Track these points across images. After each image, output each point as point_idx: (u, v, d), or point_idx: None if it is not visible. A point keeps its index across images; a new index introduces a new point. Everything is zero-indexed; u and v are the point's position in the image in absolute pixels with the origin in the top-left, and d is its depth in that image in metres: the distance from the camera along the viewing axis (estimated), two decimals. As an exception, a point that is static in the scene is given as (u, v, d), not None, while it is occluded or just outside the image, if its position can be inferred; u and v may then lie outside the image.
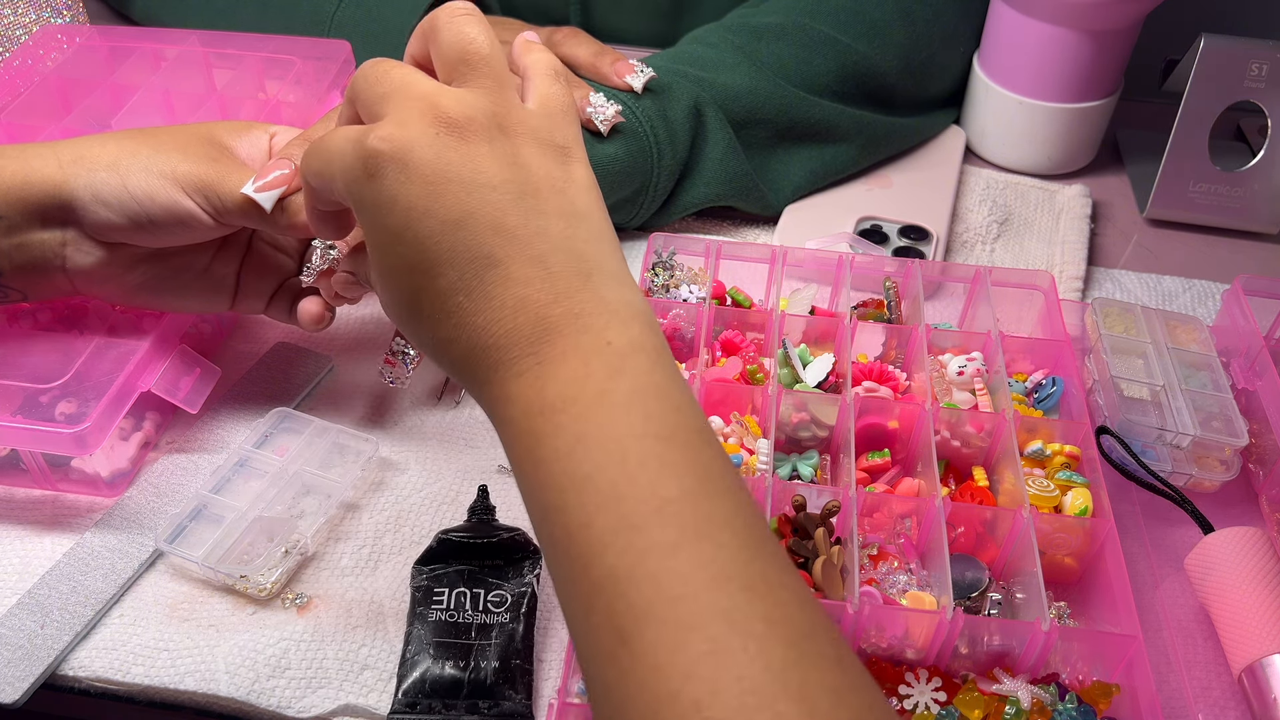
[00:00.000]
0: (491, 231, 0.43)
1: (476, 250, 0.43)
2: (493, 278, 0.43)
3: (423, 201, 0.43)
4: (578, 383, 0.41)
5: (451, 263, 0.43)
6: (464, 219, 0.43)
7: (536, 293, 0.42)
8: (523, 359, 0.42)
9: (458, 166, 0.43)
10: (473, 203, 0.43)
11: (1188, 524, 0.64)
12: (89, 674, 0.57)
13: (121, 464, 0.65)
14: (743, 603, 0.36)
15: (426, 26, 0.48)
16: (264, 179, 0.58)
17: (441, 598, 0.58)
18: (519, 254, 0.43)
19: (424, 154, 0.43)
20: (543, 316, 0.42)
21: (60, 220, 0.58)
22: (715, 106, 0.82)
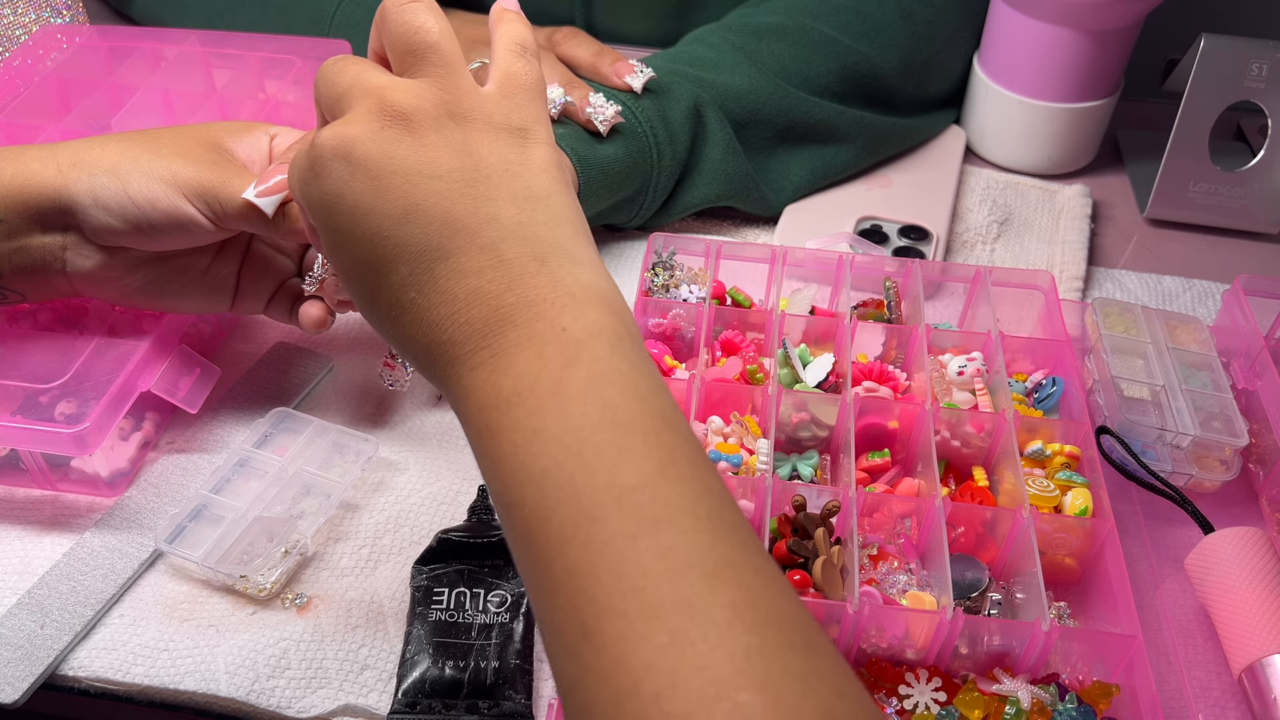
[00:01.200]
0: (439, 223, 0.42)
1: (425, 244, 0.42)
2: (443, 270, 0.42)
3: (368, 198, 0.42)
4: (532, 374, 0.39)
5: (402, 258, 0.42)
6: (410, 212, 0.42)
7: (488, 283, 0.41)
8: (477, 352, 0.41)
9: (402, 159, 0.42)
10: (418, 195, 0.42)
11: (1188, 524, 0.64)
12: (89, 674, 0.57)
13: (121, 464, 0.65)
14: (704, 590, 0.35)
15: (377, 17, 0.47)
16: (265, 184, 0.57)
17: (441, 597, 0.58)
18: (468, 244, 0.42)
19: (368, 149, 0.42)
20: (496, 307, 0.41)
21: (60, 224, 0.58)
22: (715, 107, 0.81)
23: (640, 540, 0.36)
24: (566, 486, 0.37)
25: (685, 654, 0.34)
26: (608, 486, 0.37)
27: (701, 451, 0.40)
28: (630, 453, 0.38)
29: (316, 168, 0.43)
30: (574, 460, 0.38)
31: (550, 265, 0.42)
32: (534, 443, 0.38)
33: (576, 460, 0.38)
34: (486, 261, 0.42)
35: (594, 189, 0.75)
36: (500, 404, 0.40)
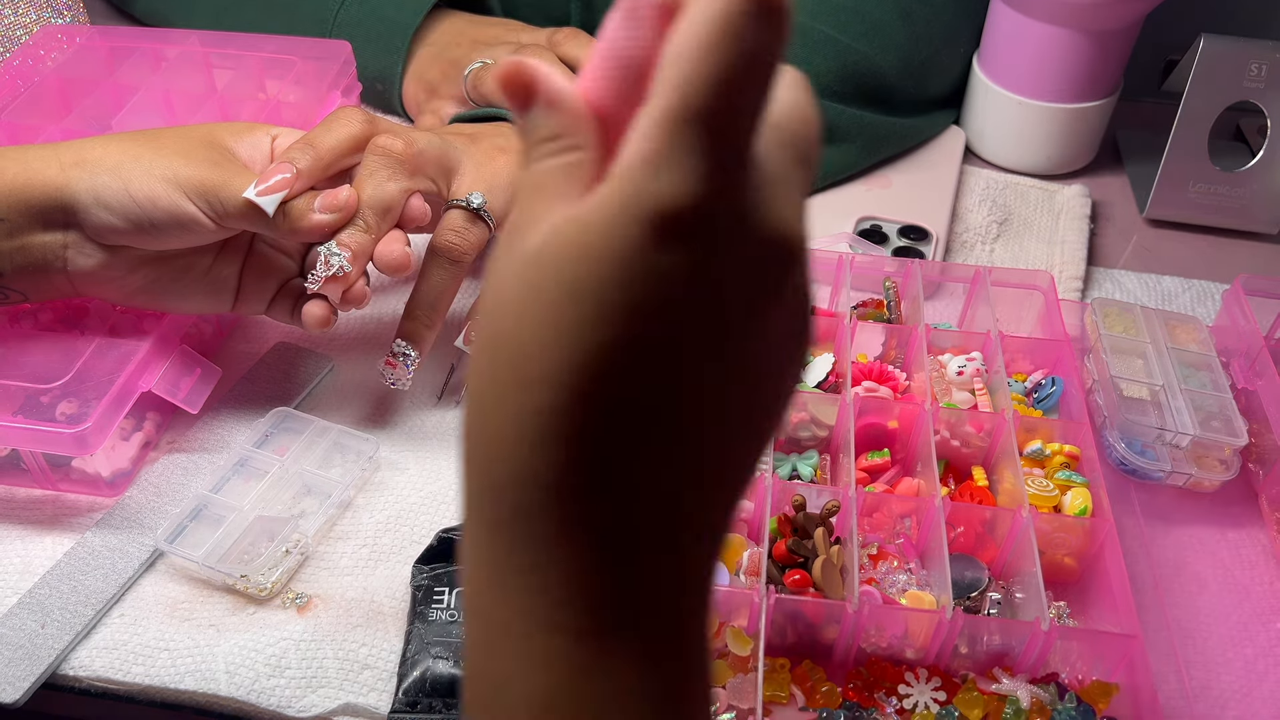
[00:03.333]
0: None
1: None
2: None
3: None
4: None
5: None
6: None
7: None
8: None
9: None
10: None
11: (1188, 524, 0.64)
12: (89, 674, 0.57)
13: (122, 464, 0.65)
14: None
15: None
16: (266, 183, 0.58)
17: (442, 597, 0.58)
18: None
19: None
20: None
21: (62, 223, 0.58)
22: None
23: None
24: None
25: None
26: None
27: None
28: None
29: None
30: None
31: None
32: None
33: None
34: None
35: None
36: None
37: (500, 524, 0.29)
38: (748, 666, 0.55)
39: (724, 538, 0.31)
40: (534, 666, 0.28)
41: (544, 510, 0.28)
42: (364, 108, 0.91)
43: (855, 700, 0.55)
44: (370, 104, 0.92)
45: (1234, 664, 0.60)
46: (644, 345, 0.27)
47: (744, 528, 0.62)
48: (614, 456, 0.27)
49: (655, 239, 0.26)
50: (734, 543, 0.60)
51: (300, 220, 0.58)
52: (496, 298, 0.29)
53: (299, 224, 0.58)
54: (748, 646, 0.55)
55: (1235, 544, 0.66)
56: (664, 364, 0.27)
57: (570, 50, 0.81)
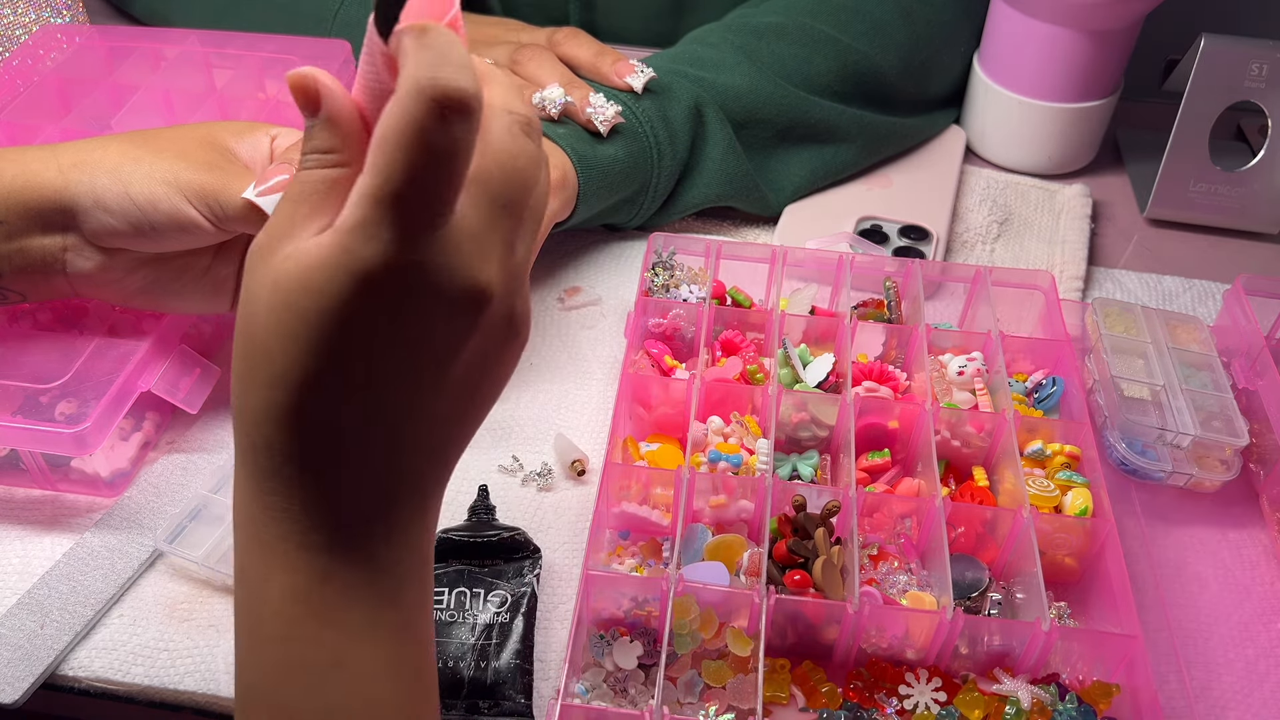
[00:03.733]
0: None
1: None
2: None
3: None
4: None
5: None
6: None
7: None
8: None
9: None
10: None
11: (1188, 524, 0.64)
12: (89, 674, 0.57)
13: (121, 464, 0.65)
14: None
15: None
16: (265, 184, 0.57)
17: (442, 597, 0.58)
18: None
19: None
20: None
21: (61, 225, 0.58)
22: (715, 106, 0.81)
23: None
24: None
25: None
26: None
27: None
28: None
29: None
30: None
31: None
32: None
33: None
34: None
35: (594, 189, 0.75)
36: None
37: (260, 473, 0.39)
38: (748, 667, 0.55)
39: (435, 484, 0.43)
40: (286, 570, 0.40)
41: (285, 466, 0.39)
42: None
43: (855, 701, 0.55)
44: (370, 104, 0.92)
45: (1235, 665, 0.60)
46: (346, 366, 0.37)
47: (744, 528, 0.62)
48: (326, 437, 0.38)
49: (357, 290, 0.36)
50: (734, 543, 0.60)
51: None
52: (250, 304, 0.38)
53: None
54: (748, 647, 0.55)
55: (1236, 544, 0.66)
56: (362, 379, 0.38)
57: (570, 49, 0.81)
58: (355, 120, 0.39)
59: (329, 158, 0.39)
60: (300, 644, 0.40)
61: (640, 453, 0.65)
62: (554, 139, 0.74)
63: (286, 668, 0.40)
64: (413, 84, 0.35)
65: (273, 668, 0.41)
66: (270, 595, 0.40)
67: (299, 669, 0.40)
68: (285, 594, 0.40)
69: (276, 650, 0.40)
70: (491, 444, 0.69)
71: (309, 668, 0.40)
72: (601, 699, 0.55)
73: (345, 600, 0.40)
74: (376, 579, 0.41)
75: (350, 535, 0.40)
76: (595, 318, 0.78)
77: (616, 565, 0.61)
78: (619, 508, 0.62)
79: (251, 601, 0.41)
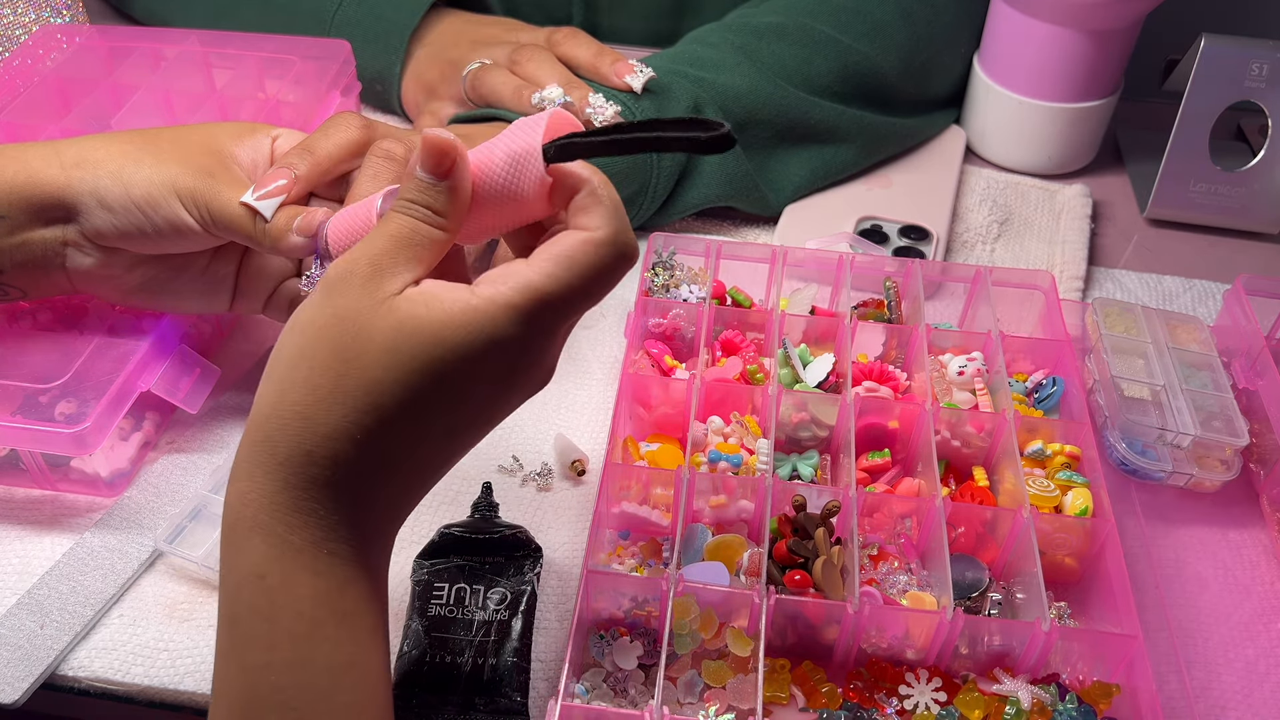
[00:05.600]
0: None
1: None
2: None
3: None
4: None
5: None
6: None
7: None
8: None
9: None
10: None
11: (1188, 524, 0.64)
12: (88, 674, 0.57)
13: (121, 464, 0.65)
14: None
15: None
16: (264, 188, 0.58)
17: (442, 592, 0.58)
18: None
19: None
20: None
21: (62, 219, 0.58)
22: (715, 107, 0.81)
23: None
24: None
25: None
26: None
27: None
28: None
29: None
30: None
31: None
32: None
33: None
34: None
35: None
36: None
37: (304, 481, 0.42)
38: (748, 667, 0.55)
39: (414, 503, 0.47)
40: (314, 574, 0.42)
41: (343, 480, 0.42)
42: (363, 109, 0.91)
43: (856, 701, 0.55)
44: (370, 104, 0.92)
45: (1235, 665, 0.60)
46: (439, 412, 0.43)
47: (744, 528, 0.62)
48: (390, 463, 0.43)
49: (481, 357, 0.42)
50: (734, 543, 0.60)
51: (280, 239, 0.58)
52: (356, 326, 0.42)
53: (279, 242, 0.58)
54: (748, 647, 0.55)
55: (1236, 544, 0.66)
56: (443, 426, 0.44)
57: (569, 50, 0.81)
58: (468, 198, 0.45)
59: (441, 220, 0.44)
60: (322, 643, 0.42)
61: (640, 453, 0.65)
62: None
63: (304, 667, 0.42)
64: (613, 235, 0.44)
65: (286, 668, 0.42)
66: (295, 597, 0.42)
67: (319, 669, 0.42)
68: (311, 597, 0.42)
69: (296, 649, 0.42)
70: (491, 444, 0.69)
71: (329, 667, 0.42)
72: (601, 699, 0.55)
73: (360, 606, 0.43)
74: (377, 586, 0.45)
75: (368, 546, 0.44)
76: (595, 318, 0.78)
77: (616, 565, 0.61)
78: (619, 508, 0.62)
79: (266, 601, 0.42)
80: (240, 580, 0.42)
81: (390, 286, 0.43)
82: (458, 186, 0.44)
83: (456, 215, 0.45)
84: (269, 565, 0.42)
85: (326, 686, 0.42)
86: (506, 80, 0.78)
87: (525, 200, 0.45)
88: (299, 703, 0.42)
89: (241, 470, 0.43)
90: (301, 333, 0.43)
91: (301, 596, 0.42)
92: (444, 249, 0.45)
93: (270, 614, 0.42)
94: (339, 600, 0.42)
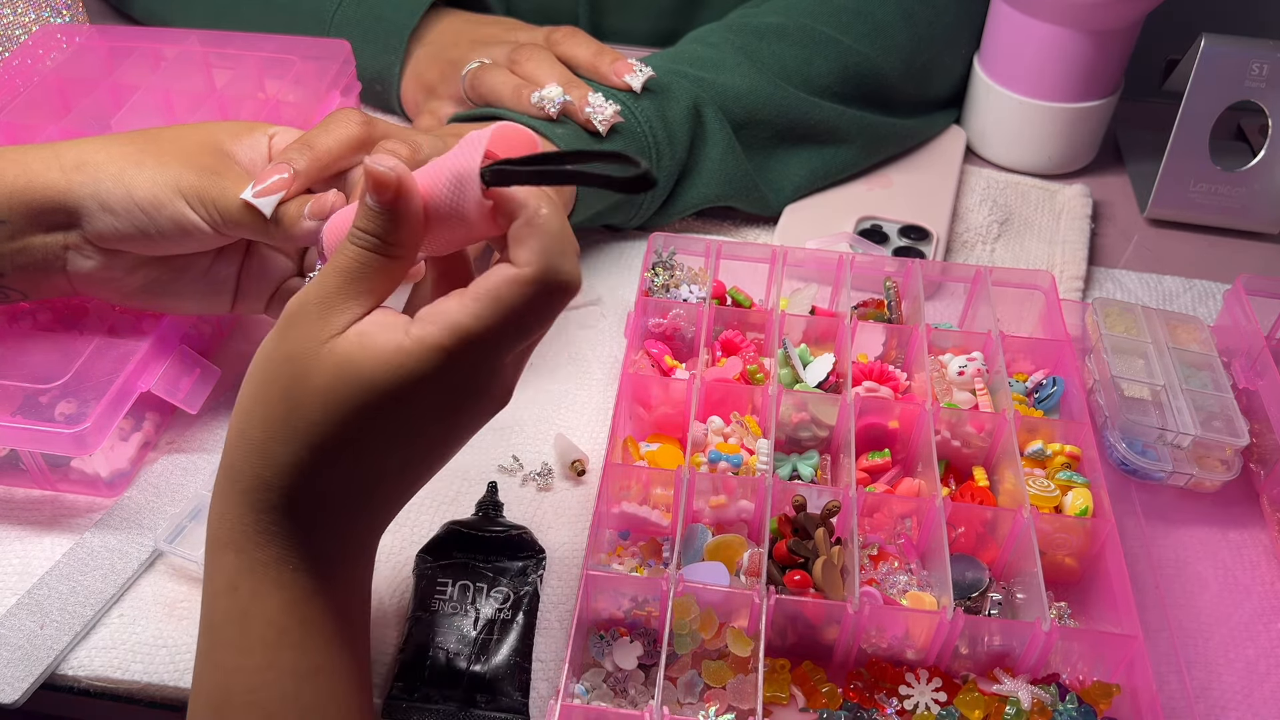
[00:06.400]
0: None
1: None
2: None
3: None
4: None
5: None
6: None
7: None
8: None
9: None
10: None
11: (1188, 524, 0.64)
12: (88, 672, 0.57)
13: (121, 464, 0.65)
14: None
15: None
16: (262, 184, 0.57)
17: (445, 588, 0.58)
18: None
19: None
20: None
21: (63, 225, 0.58)
22: (714, 107, 0.81)
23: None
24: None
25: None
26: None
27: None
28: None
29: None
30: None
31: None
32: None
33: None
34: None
35: (593, 189, 0.75)
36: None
37: (262, 505, 0.44)
38: (748, 667, 0.55)
39: (396, 514, 0.49)
40: (279, 587, 0.45)
41: (292, 507, 0.44)
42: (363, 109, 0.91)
43: (856, 701, 0.55)
44: (369, 104, 0.92)
45: (1235, 665, 0.60)
46: (377, 447, 0.44)
47: (744, 528, 0.62)
48: (336, 493, 0.45)
49: (412, 396, 0.43)
50: (734, 543, 0.60)
51: (292, 227, 0.58)
52: (303, 365, 0.43)
53: (291, 230, 0.58)
54: (748, 647, 0.55)
55: (1236, 544, 0.66)
56: (384, 461, 0.45)
57: (568, 49, 0.81)
58: (419, 222, 0.44)
59: (385, 247, 0.44)
60: (289, 649, 0.45)
61: (640, 453, 0.65)
62: (552, 139, 0.74)
63: (273, 670, 0.45)
64: (539, 272, 0.42)
65: (257, 671, 0.45)
66: (263, 607, 0.45)
67: (286, 672, 0.45)
68: (279, 605, 0.45)
69: (266, 655, 0.45)
70: (492, 444, 0.69)
71: (295, 671, 0.45)
72: (601, 699, 0.55)
73: (327, 613, 0.46)
74: (349, 595, 0.48)
75: (329, 563, 0.46)
76: (595, 318, 0.78)
77: (616, 565, 0.61)
78: (619, 508, 0.62)
79: (238, 611, 0.45)
80: (217, 590, 0.46)
81: (336, 324, 0.43)
82: (404, 213, 0.44)
83: (406, 241, 0.44)
84: (240, 578, 0.45)
85: (293, 689, 0.45)
86: (506, 79, 0.78)
87: (470, 221, 0.44)
88: (267, 703, 0.45)
89: (217, 491, 0.46)
90: (262, 368, 0.45)
91: (269, 607, 0.45)
92: (398, 274, 0.45)
93: (242, 622, 0.45)
94: (305, 610, 0.45)
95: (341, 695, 0.46)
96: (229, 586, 0.45)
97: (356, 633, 0.48)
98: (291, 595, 0.45)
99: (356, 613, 0.48)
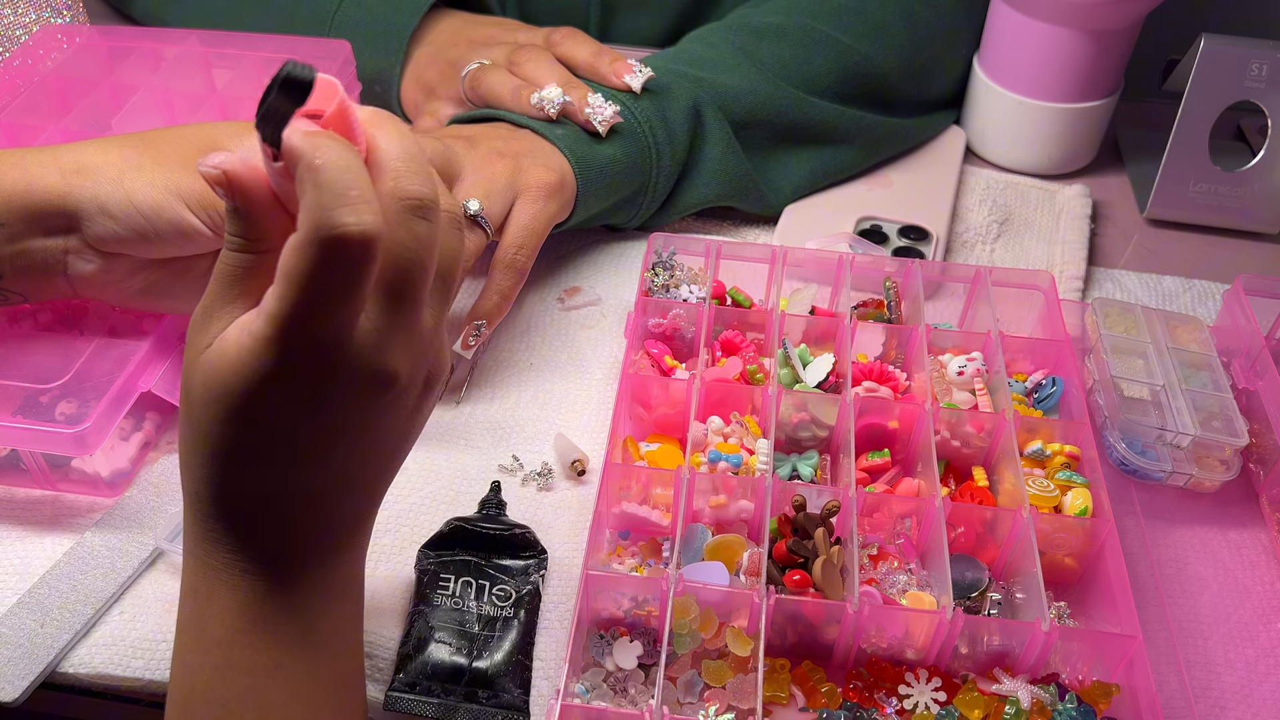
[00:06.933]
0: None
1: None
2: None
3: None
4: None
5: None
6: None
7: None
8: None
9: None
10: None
11: (1188, 524, 0.64)
12: (89, 670, 0.57)
13: (121, 464, 0.65)
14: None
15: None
16: None
17: (448, 584, 0.58)
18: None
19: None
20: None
21: (63, 228, 0.58)
22: (714, 107, 0.81)
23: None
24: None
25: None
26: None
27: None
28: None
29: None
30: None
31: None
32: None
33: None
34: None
35: (593, 190, 0.75)
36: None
37: (202, 514, 0.45)
38: (748, 667, 0.55)
39: (363, 518, 0.48)
40: (231, 589, 0.45)
41: (221, 518, 0.45)
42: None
43: (855, 701, 0.55)
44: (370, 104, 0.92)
45: (1235, 665, 0.60)
46: (267, 448, 0.43)
47: (744, 528, 0.62)
48: (252, 502, 0.44)
49: (262, 392, 0.41)
50: (734, 543, 0.60)
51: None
52: (189, 379, 0.43)
53: None
54: (748, 647, 0.55)
55: (1236, 544, 0.66)
56: (285, 457, 0.43)
57: (568, 50, 0.81)
58: (268, 209, 0.42)
59: (243, 243, 0.43)
60: (244, 648, 0.45)
61: (640, 453, 0.65)
62: (552, 140, 0.74)
63: (230, 668, 0.45)
64: (312, 230, 0.38)
65: (215, 669, 0.45)
66: (219, 608, 0.45)
67: (242, 670, 0.45)
68: (231, 606, 0.45)
69: (223, 653, 0.45)
70: (492, 444, 0.69)
71: (251, 669, 0.45)
72: (601, 699, 0.55)
73: (283, 613, 0.46)
74: (310, 597, 0.47)
75: (282, 566, 0.46)
76: (595, 318, 0.78)
77: (616, 565, 0.61)
78: (619, 508, 0.62)
79: (197, 612, 0.46)
80: (184, 593, 0.47)
81: (211, 333, 0.43)
82: (246, 206, 0.42)
83: (255, 233, 0.42)
84: (198, 581, 0.46)
85: (249, 686, 0.45)
86: (505, 80, 0.78)
87: (294, 191, 0.40)
88: (227, 700, 0.45)
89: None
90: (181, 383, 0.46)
91: (225, 607, 0.45)
92: (262, 268, 0.43)
93: (200, 622, 0.46)
94: (261, 610, 0.45)
95: (307, 693, 0.46)
96: (190, 589, 0.46)
97: (328, 632, 0.47)
98: (245, 596, 0.45)
99: (325, 612, 0.47)
